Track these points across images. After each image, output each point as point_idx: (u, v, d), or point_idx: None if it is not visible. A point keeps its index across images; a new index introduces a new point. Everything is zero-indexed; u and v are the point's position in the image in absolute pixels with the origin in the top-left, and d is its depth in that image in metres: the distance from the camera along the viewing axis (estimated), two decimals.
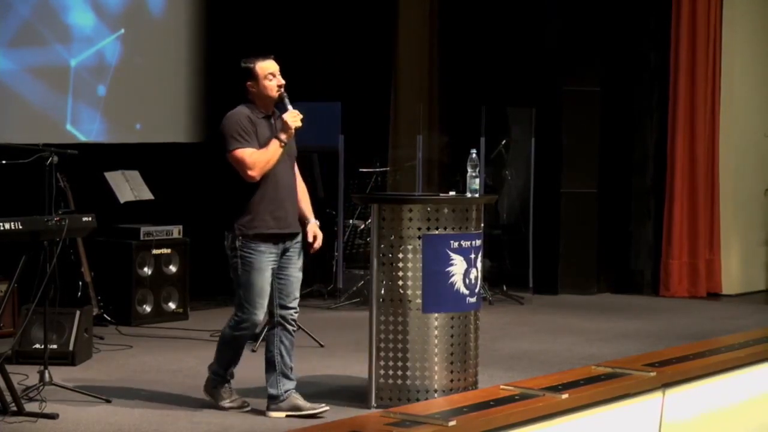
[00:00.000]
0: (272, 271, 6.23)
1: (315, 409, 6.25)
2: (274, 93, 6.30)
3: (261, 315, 6.25)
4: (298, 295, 6.36)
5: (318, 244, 6.42)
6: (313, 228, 6.44)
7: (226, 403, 6.39)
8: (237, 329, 6.30)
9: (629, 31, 11.43)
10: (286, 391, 6.29)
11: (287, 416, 6.24)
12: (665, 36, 11.31)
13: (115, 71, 9.83)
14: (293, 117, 6.25)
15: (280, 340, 6.31)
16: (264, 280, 6.19)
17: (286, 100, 6.29)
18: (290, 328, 6.33)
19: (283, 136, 6.22)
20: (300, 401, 6.29)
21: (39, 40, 9.34)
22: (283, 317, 6.31)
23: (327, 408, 6.29)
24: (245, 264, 6.17)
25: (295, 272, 6.33)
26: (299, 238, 6.36)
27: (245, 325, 6.26)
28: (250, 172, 6.13)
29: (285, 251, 6.28)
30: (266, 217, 6.18)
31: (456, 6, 12.03)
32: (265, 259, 6.18)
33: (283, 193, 6.26)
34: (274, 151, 6.18)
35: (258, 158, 6.14)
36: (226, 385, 6.45)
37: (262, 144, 6.20)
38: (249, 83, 6.34)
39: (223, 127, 6.25)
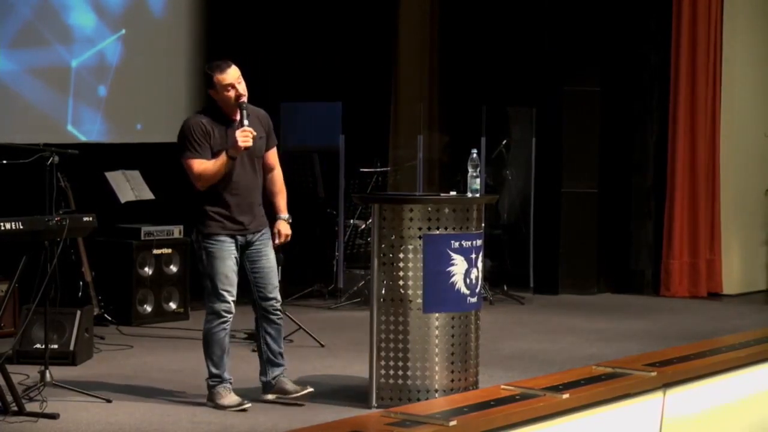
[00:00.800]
0: (236, 261, 6.37)
1: (300, 391, 6.41)
2: (232, 104, 6.31)
3: (229, 304, 6.38)
4: (276, 283, 6.51)
5: (278, 241, 6.54)
6: (279, 224, 6.56)
7: (224, 402, 6.41)
8: (210, 322, 6.44)
9: (629, 31, 11.42)
10: (274, 378, 6.48)
11: (277, 398, 6.45)
12: (665, 36, 11.30)
13: (116, 72, 9.83)
14: (243, 136, 6.22)
15: (264, 330, 6.50)
16: (226, 268, 6.33)
17: (244, 113, 6.30)
18: (273, 317, 6.49)
19: (231, 152, 6.25)
20: (288, 385, 6.47)
21: (40, 40, 9.34)
22: (264, 309, 6.48)
23: (311, 390, 6.44)
24: (207, 255, 6.34)
25: (267, 263, 6.47)
26: (265, 231, 6.49)
27: (214, 316, 6.40)
28: (197, 183, 6.30)
29: (249, 245, 6.43)
30: (222, 220, 6.34)
31: (456, 6, 12.04)
32: (225, 248, 6.33)
33: (240, 198, 6.36)
34: (221, 165, 6.26)
35: (204, 170, 6.26)
36: (224, 385, 6.46)
37: (216, 152, 6.28)
38: (210, 91, 6.37)
39: (180, 132, 6.37)
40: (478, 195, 6.58)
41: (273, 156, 6.59)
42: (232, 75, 6.31)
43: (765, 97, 11.76)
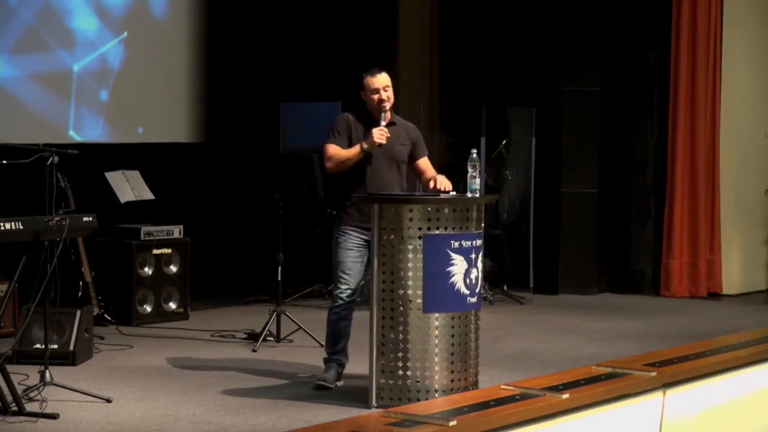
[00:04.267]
0: (361, 253, 6.80)
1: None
2: (375, 106, 6.89)
3: (345, 292, 6.88)
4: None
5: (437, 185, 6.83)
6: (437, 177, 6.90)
7: (319, 375, 6.92)
8: (331, 305, 6.94)
9: (629, 31, 11.43)
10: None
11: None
12: (665, 36, 11.31)
13: (118, 75, 9.79)
14: (378, 133, 6.77)
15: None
16: (348, 259, 6.84)
17: (382, 115, 6.86)
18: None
19: (365, 146, 6.80)
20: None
21: (42, 45, 9.28)
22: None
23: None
24: (336, 243, 6.89)
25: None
26: None
27: (335, 301, 6.90)
28: (326, 163, 6.90)
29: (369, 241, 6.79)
30: (353, 211, 6.84)
31: (456, 6, 12.04)
32: (351, 240, 6.83)
33: (371, 192, 6.81)
34: (352, 153, 6.83)
35: (335, 154, 6.85)
36: (329, 363, 6.94)
37: (356, 143, 6.85)
38: (361, 92, 6.97)
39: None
40: (477, 195, 6.58)
41: (424, 163, 7.08)
42: (380, 81, 6.90)
43: (765, 97, 11.76)
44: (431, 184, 6.87)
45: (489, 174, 10.74)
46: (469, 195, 6.56)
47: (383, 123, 6.83)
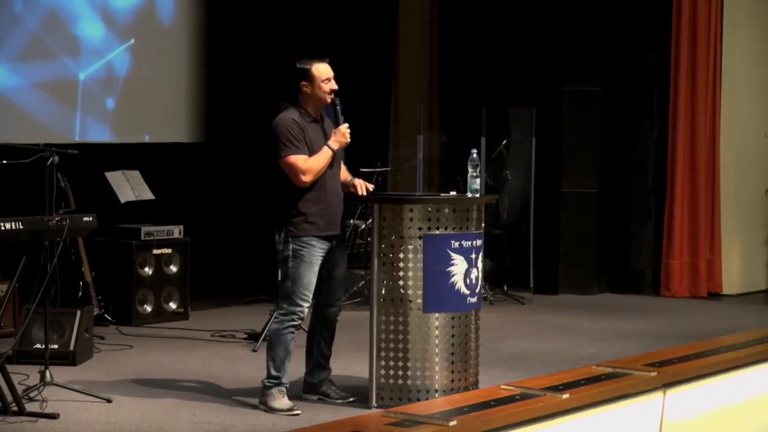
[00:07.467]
0: (319, 268, 6.48)
1: (343, 398, 6.62)
2: (327, 97, 6.47)
3: (306, 307, 6.48)
4: (342, 294, 6.77)
5: (362, 192, 6.58)
6: (354, 181, 6.63)
7: (276, 405, 6.37)
8: (281, 323, 6.45)
9: (629, 31, 11.43)
10: (320, 380, 6.67)
11: (319, 399, 6.64)
12: (665, 36, 11.31)
13: (124, 83, 9.71)
14: (347, 131, 6.48)
15: (320, 334, 6.67)
16: (313, 274, 6.43)
17: (339, 108, 6.51)
18: (332, 324, 6.68)
19: (335, 146, 6.44)
20: (331, 392, 6.65)
21: (47, 53, 9.20)
22: (326, 315, 6.66)
23: (353, 398, 6.60)
24: (297, 257, 6.38)
25: (340, 273, 6.64)
26: (343, 240, 6.71)
27: (291, 317, 6.43)
28: (303, 177, 6.34)
29: (332, 251, 6.52)
30: (317, 220, 6.41)
31: (456, 6, 12.04)
32: (315, 253, 6.41)
33: (331, 197, 6.49)
34: (326, 158, 6.41)
35: (311, 165, 6.36)
36: (280, 388, 6.42)
37: (312, 147, 6.38)
38: (303, 83, 6.50)
39: (274, 132, 6.41)
40: (478, 195, 6.58)
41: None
42: (330, 69, 6.54)
43: (765, 97, 11.76)
44: (353, 189, 6.56)
45: (489, 174, 10.74)
46: (469, 195, 6.56)
47: (342, 118, 6.48)
